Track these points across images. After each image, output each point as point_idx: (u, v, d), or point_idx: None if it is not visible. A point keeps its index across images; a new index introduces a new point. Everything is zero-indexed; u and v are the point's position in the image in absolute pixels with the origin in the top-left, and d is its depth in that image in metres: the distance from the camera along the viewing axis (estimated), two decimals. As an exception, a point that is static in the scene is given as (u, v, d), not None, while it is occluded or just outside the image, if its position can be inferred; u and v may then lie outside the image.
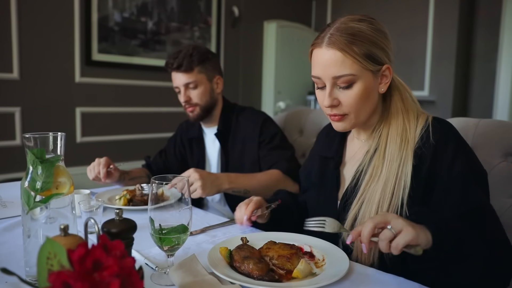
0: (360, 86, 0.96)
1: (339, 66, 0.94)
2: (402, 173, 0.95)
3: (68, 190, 0.80)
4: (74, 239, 0.63)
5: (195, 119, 1.71)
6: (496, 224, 0.90)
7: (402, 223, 0.76)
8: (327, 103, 0.98)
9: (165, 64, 1.69)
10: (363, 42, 0.94)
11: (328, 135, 1.22)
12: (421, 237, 0.76)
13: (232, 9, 4.36)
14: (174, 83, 1.68)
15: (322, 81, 0.98)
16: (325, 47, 0.95)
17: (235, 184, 1.43)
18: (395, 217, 0.78)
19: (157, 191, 0.85)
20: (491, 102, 4.14)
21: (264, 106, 4.79)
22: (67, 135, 0.83)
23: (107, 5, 3.40)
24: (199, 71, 1.65)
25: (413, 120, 1.01)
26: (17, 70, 2.97)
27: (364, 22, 0.97)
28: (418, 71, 4.31)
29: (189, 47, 1.67)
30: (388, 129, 1.02)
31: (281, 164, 1.61)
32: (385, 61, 0.99)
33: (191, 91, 1.67)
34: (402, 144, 0.98)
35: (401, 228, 0.76)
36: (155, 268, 0.88)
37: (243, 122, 1.74)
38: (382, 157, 0.99)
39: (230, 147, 1.73)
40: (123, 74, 3.56)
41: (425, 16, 4.22)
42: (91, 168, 1.53)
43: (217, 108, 1.75)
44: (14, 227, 1.13)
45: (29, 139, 0.78)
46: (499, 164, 1.17)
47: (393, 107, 1.04)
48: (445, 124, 1.00)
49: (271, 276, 0.83)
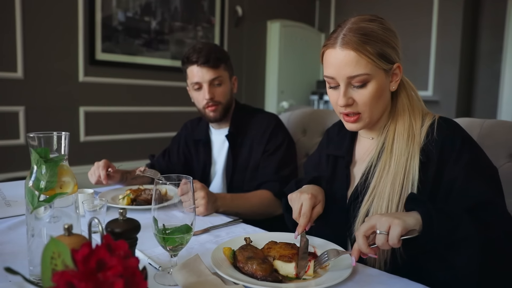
0: (374, 85, 0.97)
1: (353, 66, 0.95)
2: (411, 167, 0.97)
3: (72, 190, 0.80)
4: (78, 238, 0.63)
5: (216, 118, 1.65)
6: (501, 221, 0.87)
7: (387, 219, 0.79)
8: (342, 102, 0.98)
9: (185, 58, 1.61)
10: (376, 42, 0.96)
11: (339, 133, 1.22)
12: (409, 222, 0.79)
13: (235, 9, 4.36)
14: (196, 79, 1.59)
15: (336, 81, 0.99)
16: (339, 47, 0.96)
17: (228, 208, 1.41)
18: (378, 218, 0.81)
19: (161, 191, 0.85)
20: (495, 103, 4.12)
21: (267, 106, 4.78)
22: (70, 135, 0.84)
23: (111, 5, 3.41)
24: (224, 68, 1.62)
25: (418, 117, 1.03)
26: (21, 70, 2.99)
27: (375, 22, 0.99)
28: (422, 71, 4.30)
29: (208, 44, 1.63)
30: (395, 126, 1.04)
31: (273, 185, 1.58)
32: (396, 60, 1.00)
33: (216, 88, 1.61)
34: (409, 139, 1.00)
35: (388, 225, 0.78)
36: (158, 268, 0.88)
37: (255, 125, 1.70)
38: (390, 151, 1.01)
39: (239, 149, 1.70)
40: (127, 74, 3.57)
41: (430, 16, 4.21)
42: (91, 173, 1.53)
43: (231, 109, 1.72)
44: (18, 226, 1.13)
45: (33, 138, 0.78)
46: (504, 165, 1.16)
47: (399, 105, 1.06)
48: (452, 123, 1.01)
49: (275, 277, 0.83)
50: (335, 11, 5.11)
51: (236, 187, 1.68)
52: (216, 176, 1.76)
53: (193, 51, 1.59)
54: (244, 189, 1.64)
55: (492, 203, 0.89)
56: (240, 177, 1.68)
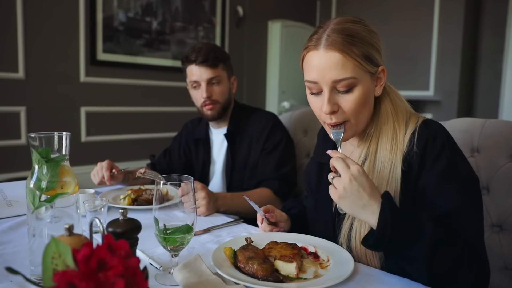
0: (360, 90, 0.92)
1: (339, 69, 0.89)
2: (393, 178, 0.92)
3: (73, 190, 0.80)
4: (79, 238, 0.63)
5: (214, 117, 1.67)
6: (468, 230, 0.86)
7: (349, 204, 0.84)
8: (328, 109, 0.92)
9: (185, 58, 1.64)
10: (362, 43, 0.91)
11: (324, 138, 1.19)
12: (358, 212, 0.84)
13: (236, 9, 4.36)
14: (194, 77, 1.63)
15: (319, 86, 0.93)
16: (323, 49, 0.90)
17: (229, 207, 1.42)
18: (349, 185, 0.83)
19: (162, 191, 0.85)
20: (497, 102, 4.11)
21: (268, 106, 4.78)
22: (71, 135, 0.84)
23: (112, 5, 3.41)
24: (223, 68, 1.65)
25: (402, 124, 0.97)
26: (22, 70, 2.99)
27: (358, 23, 0.94)
28: (423, 71, 4.29)
29: (208, 44, 1.65)
30: (379, 134, 0.99)
31: (272, 183, 1.60)
32: (380, 63, 0.96)
33: (213, 87, 1.64)
34: (392, 149, 0.94)
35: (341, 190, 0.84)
36: (159, 268, 0.88)
37: (253, 124, 1.71)
38: (373, 163, 0.96)
39: (237, 147, 1.72)
40: (128, 74, 3.57)
41: (431, 16, 4.20)
42: (94, 173, 1.54)
43: (229, 108, 1.73)
44: (19, 226, 1.13)
45: (34, 138, 0.78)
46: (506, 165, 1.16)
47: (383, 111, 1.00)
48: (434, 128, 0.94)
49: (276, 277, 0.83)
50: (336, 11, 5.11)
51: (236, 185, 1.69)
52: (216, 175, 1.77)
53: (192, 51, 1.62)
54: (244, 187, 1.65)
55: (459, 215, 0.86)
56: (239, 175, 1.70)
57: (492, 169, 1.16)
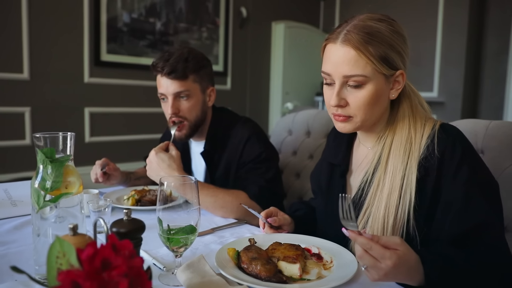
0: (370, 89, 0.92)
1: (351, 65, 0.90)
2: (407, 185, 0.91)
3: (77, 190, 0.80)
4: (83, 238, 0.63)
5: (181, 139, 1.52)
6: (498, 244, 0.85)
7: (381, 270, 0.72)
8: (334, 102, 0.94)
9: (152, 66, 1.46)
10: (380, 43, 0.90)
11: (336, 139, 1.18)
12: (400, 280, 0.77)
13: (240, 10, 4.36)
14: (161, 90, 1.47)
15: (332, 78, 0.94)
16: (339, 43, 0.91)
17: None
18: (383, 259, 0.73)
19: (166, 192, 0.85)
20: (501, 104, 4.10)
21: (271, 107, 4.79)
22: (76, 135, 0.84)
23: (116, 6, 3.43)
24: (193, 80, 1.46)
25: (419, 128, 0.96)
26: (27, 71, 3.01)
27: (383, 22, 0.93)
28: (427, 72, 4.28)
29: (183, 50, 1.46)
30: (392, 138, 0.98)
31: (251, 188, 1.42)
32: (400, 66, 0.94)
33: (181, 102, 1.46)
34: (406, 155, 0.93)
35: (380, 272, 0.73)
36: (163, 269, 0.89)
37: (229, 141, 1.55)
38: (385, 167, 0.95)
39: (215, 166, 1.58)
40: (132, 75, 3.58)
41: (435, 17, 4.20)
42: (92, 172, 1.53)
43: (205, 122, 1.57)
44: (24, 226, 1.14)
45: (39, 139, 0.79)
46: (510, 166, 1.15)
47: (400, 115, 0.99)
48: (452, 133, 0.93)
49: (279, 278, 0.83)
50: (339, 12, 5.11)
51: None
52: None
53: (160, 59, 1.44)
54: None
55: (489, 226, 0.86)
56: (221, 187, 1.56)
57: (496, 171, 1.16)
